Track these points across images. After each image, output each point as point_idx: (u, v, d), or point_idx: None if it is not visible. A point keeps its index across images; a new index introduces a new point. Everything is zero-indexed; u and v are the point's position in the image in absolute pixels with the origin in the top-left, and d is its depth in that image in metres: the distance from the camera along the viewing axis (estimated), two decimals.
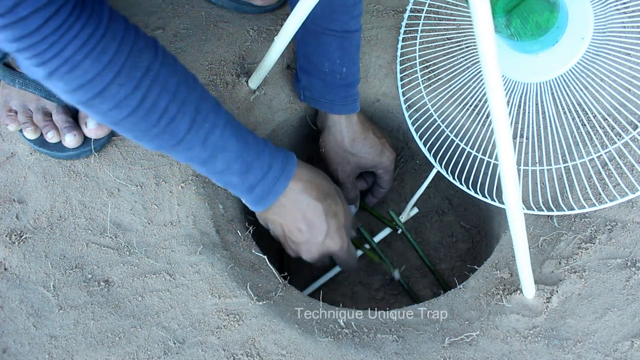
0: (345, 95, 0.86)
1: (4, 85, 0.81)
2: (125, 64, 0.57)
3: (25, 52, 0.53)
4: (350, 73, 0.85)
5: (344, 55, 0.83)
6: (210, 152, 0.66)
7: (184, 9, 0.96)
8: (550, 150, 0.81)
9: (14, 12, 0.49)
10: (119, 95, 0.58)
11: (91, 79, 0.56)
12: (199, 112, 0.64)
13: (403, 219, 0.98)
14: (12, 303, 0.71)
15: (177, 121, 0.62)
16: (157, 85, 0.60)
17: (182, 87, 0.62)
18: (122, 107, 0.59)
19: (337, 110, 0.87)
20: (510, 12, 0.73)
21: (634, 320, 0.67)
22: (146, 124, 0.61)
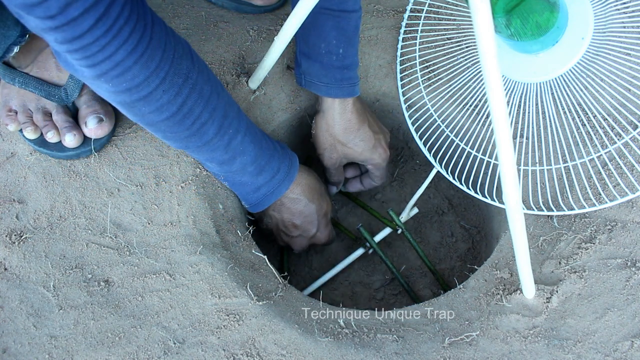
0: (341, 78, 0.84)
1: (4, 85, 0.81)
2: (169, 70, 0.60)
3: (76, 54, 0.54)
4: (347, 54, 0.83)
5: (339, 36, 0.81)
6: (231, 155, 0.72)
7: (184, 9, 0.96)
8: (550, 150, 0.81)
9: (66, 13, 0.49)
10: (162, 100, 0.61)
11: (139, 84, 0.58)
12: (226, 118, 0.69)
13: (403, 219, 0.98)
14: (12, 303, 0.71)
15: (207, 126, 0.67)
16: (195, 93, 0.64)
17: (214, 94, 0.67)
18: (162, 111, 0.62)
19: (332, 93, 0.85)
20: (510, 12, 0.73)
21: (634, 320, 0.67)
22: (180, 127, 0.65)
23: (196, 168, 0.81)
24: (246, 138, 0.73)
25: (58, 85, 0.80)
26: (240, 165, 0.75)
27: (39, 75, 0.80)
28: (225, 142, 0.71)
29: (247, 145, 0.73)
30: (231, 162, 0.74)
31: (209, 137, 0.68)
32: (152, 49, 0.58)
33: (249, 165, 0.75)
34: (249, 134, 0.73)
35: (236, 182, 0.78)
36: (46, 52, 0.80)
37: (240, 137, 0.72)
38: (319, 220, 0.87)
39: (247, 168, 0.76)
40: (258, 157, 0.75)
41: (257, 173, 0.77)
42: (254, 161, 0.75)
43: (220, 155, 0.72)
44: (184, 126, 0.65)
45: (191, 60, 0.63)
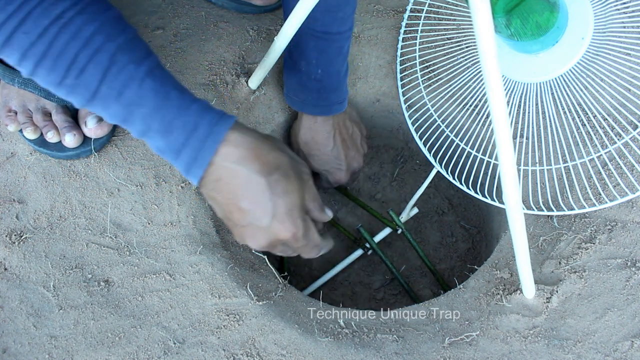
0: (318, 97, 0.85)
1: (3, 85, 0.81)
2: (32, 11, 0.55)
3: None
4: (325, 76, 0.83)
5: (319, 57, 0.81)
6: (127, 109, 0.59)
7: (184, 9, 0.96)
8: (550, 150, 0.81)
9: None
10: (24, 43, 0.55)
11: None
12: (115, 62, 0.57)
13: (403, 219, 0.98)
14: (12, 303, 0.71)
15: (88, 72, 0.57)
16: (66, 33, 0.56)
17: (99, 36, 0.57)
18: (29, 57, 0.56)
19: (308, 110, 0.87)
20: (510, 12, 0.73)
21: (634, 320, 0.67)
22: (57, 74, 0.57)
23: None
24: (145, 85, 0.58)
25: None
26: (142, 122, 0.59)
27: None
28: (117, 92, 0.58)
29: (145, 93, 0.58)
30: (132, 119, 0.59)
31: (94, 85, 0.57)
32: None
33: (151, 119, 0.59)
34: (149, 80, 0.59)
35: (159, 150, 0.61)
36: None
37: (135, 84, 0.58)
38: (275, 203, 0.61)
39: (151, 125, 0.59)
40: (161, 108, 0.59)
41: (166, 131, 0.59)
42: (156, 113, 0.59)
43: (116, 110, 0.59)
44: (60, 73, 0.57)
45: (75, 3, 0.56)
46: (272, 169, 0.61)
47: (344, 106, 0.88)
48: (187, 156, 0.60)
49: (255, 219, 0.62)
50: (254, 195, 0.61)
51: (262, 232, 0.62)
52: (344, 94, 0.87)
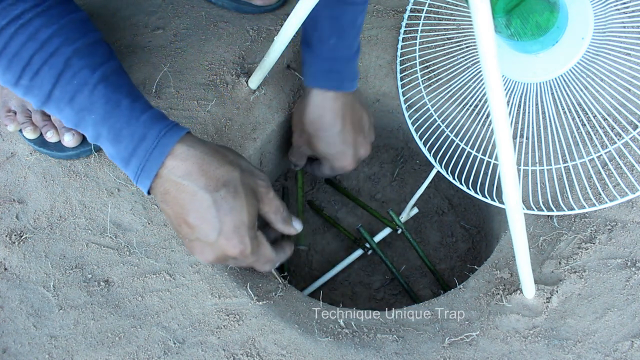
0: (329, 69, 0.79)
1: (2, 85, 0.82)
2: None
3: None
4: (338, 46, 0.79)
5: (332, 26, 0.77)
6: (78, 114, 0.59)
7: (184, 9, 0.96)
8: (550, 150, 0.81)
9: None
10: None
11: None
12: (69, 66, 0.57)
13: (403, 219, 0.98)
14: (12, 303, 0.71)
15: (42, 74, 0.57)
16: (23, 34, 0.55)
17: (56, 39, 0.56)
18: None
19: (315, 83, 0.80)
20: (510, 12, 0.73)
21: (634, 320, 0.67)
22: (12, 75, 0.57)
23: None
24: (96, 92, 0.58)
25: None
26: (93, 128, 0.59)
27: None
28: (69, 96, 0.57)
29: (96, 99, 0.58)
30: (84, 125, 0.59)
31: (48, 88, 0.57)
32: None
33: (101, 126, 0.59)
34: (101, 87, 0.58)
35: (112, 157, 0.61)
36: None
37: (87, 90, 0.57)
38: (220, 220, 0.60)
39: (100, 132, 0.59)
40: (110, 117, 0.58)
41: (114, 139, 0.59)
42: (105, 121, 0.58)
43: (69, 114, 0.59)
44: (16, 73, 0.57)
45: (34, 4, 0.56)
46: (219, 185, 0.60)
47: (355, 85, 0.83)
48: (134, 166, 0.60)
49: (202, 235, 0.61)
50: (200, 211, 0.60)
51: (209, 248, 0.62)
52: (356, 73, 0.83)
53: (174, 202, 0.61)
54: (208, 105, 0.86)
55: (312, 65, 0.81)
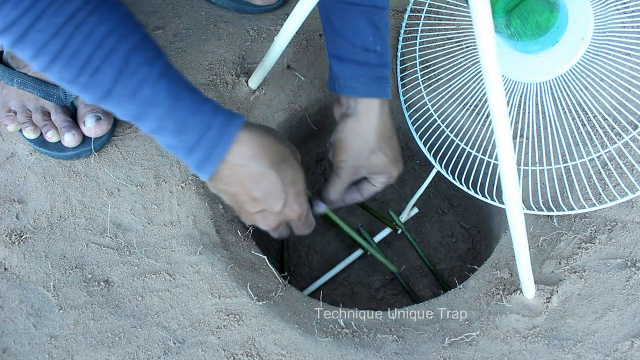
0: (380, 76, 0.77)
1: (3, 85, 0.81)
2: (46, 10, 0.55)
3: None
4: (384, 52, 0.77)
5: (375, 32, 0.76)
6: (141, 108, 0.62)
7: (184, 9, 0.96)
8: (550, 150, 0.81)
9: None
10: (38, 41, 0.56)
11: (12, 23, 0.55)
12: (129, 63, 0.59)
13: (403, 219, 0.98)
14: (12, 303, 0.71)
15: (102, 72, 0.59)
16: (80, 34, 0.57)
17: (112, 37, 0.58)
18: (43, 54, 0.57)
19: (372, 93, 0.77)
20: (510, 12, 0.73)
21: (634, 320, 0.67)
22: (70, 72, 0.59)
23: None
24: (158, 87, 0.61)
25: (56, 85, 0.80)
26: (156, 121, 0.62)
27: (37, 76, 0.80)
28: (130, 92, 0.60)
29: (159, 94, 0.61)
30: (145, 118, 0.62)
31: (108, 85, 0.59)
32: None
33: (165, 119, 0.62)
34: (163, 82, 0.61)
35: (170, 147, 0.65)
36: None
37: (149, 85, 0.60)
38: (287, 192, 0.69)
39: (165, 124, 0.62)
40: (174, 109, 0.62)
41: (179, 130, 0.63)
42: (169, 114, 0.62)
43: (129, 109, 0.61)
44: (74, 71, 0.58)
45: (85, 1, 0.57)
46: (280, 160, 0.68)
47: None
48: (199, 154, 0.64)
49: (269, 206, 0.69)
50: (268, 186, 0.67)
51: (274, 216, 0.70)
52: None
53: (239, 182, 0.67)
54: None
55: (363, 75, 0.77)
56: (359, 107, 0.78)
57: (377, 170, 0.81)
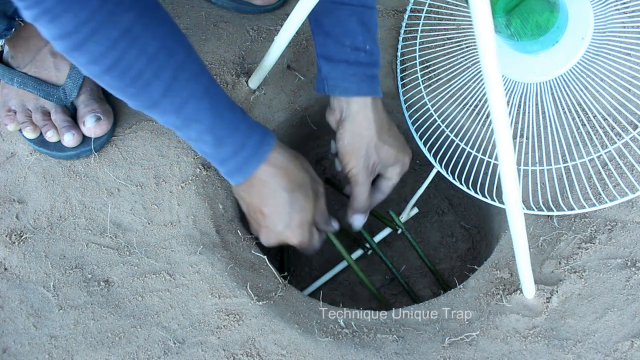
0: (371, 75, 0.79)
1: (3, 85, 0.81)
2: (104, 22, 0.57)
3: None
4: (374, 51, 0.79)
5: (365, 32, 0.77)
6: (183, 121, 0.66)
7: (184, 9, 0.96)
8: (550, 150, 0.81)
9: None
10: (94, 51, 0.58)
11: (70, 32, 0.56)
12: (176, 80, 0.63)
13: (403, 219, 0.98)
14: (12, 303, 0.71)
15: (152, 86, 0.62)
16: (134, 48, 0.59)
17: (163, 53, 0.61)
18: (97, 64, 0.59)
19: (364, 91, 0.78)
20: (510, 12, 0.73)
21: (634, 320, 0.67)
22: (122, 82, 0.61)
23: (196, 168, 0.81)
24: (202, 104, 0.65)
25: (56, 85, 0.80)
26: (196, 133, 0.67)
27: (37, 75, 0.80)
28: (176, 106, 0.64)
29: (202, 112, 0.66)
30: (187, 129, 0.67)
31: (156, 97, 0.63)
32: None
33: (205, 134, 0.67)
34: (206, 100, 0.66)
35: (203, 152, 0.71)
36: (44, 51, 0.80)
37: (194, 102, 0.65)
38: (291, 216, 0.73)
39: (204, 137, 0.68)
40: (215, 127, 0.67)
41: (216, 144, 0.68)
42: (210, 130, 0.67)
43: (173, 120, 0.66)
44: (125, 82, 0.61)
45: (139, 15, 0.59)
46: (295, 187, 0.73)
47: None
48: (231, 166, 0.71)
49: (272, 224, 0.74)
50: (277, 205, 0.73)
51: (274, 235, 0.75)
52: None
53: (256, 194, 0.73)
54: None
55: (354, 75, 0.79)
56: (352, 108, 0.79)
57: (390, 162, 0.83)
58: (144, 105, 0.64)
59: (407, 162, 0.85)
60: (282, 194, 0.72)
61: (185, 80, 0.64)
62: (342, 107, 0.80)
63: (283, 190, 0.72)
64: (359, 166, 0.81)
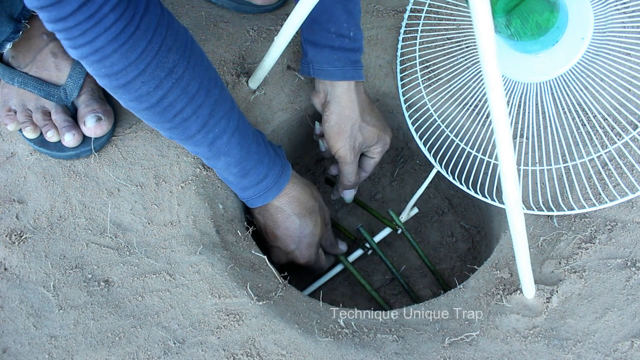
0: (354, 60, 0.83)
1: (3, 84, 0.81)
2: (151, 62, 0.59)
3: (60, 34, 0.55)
4: (357, 37, 0.83)
5: (349, 18, 0.81)
6: (215, 153, 0.71)
7: (184, 9, 0.96)
8: (550, 150, 0.81)
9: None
10: (140, 90, 0.60)
11: (117, 72, 0.58)
12: (212, 117, 0.68)
13: (403, 219, 0.98)
14: (12, 303, 0.71)
15: (190, 122, 0.66)
16: (177, 88, 0.63)
17: (202, 92, 0.65)
18: (141, 101, 0.62)
19: (347, 76, 0.83)
20: (510, 12, 0.73)
21: (634, 320, 0.67)
22: (161, 118, 0.65)
23: (196, 168, 0.81)
24: (233, 139, 0.71)
25: (57, 85, 0.80)
26: (224, 164, 0.74)
27: (38, 75, 0.80)
28: (209, 141, 0.70)
29: (232, 146, 0.72)
30: (216, 160, 0.73)
31: (192, 132, 0.68)
32: (136, 40, 0.57)
33: (233, 166, 0.74)
34: (237, 135, 0.71)
35: (225, 179, 0.79)
36: (45, 51, 0.80)
37: (226, 137, 0.70)
38: (300, 239, 0.82)
39: (231, 169, 0.74)
40: (243, 161, 0.74)
41: (242, 175, 0.76)
42: (238, 164, 0.74)
43: (205, 151, 0.71)
44: (165, 118, 0.65)
45: (182, 54, 0.62)
46: (306, 214, 0.81)
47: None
48: (251, 194, 0.78)
49: (282, 245, 0.83)
50: (289, 229, 0.81)
51: (284, 254, 0.84)
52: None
53: (270, 217, 0.81)
54: None
55: (338, 60, 0.82)
56: (337, 91, 0.84)
57: (372, 141, 0.89)
58: (179, 137, 0.68)
59: (388, 141, 0.91)
60: (294, 219, 0.80)
61: (220, 118, 0.69)
62: (326, 90, 0.85)
63: (295, 216, 0.80)
64: (345, 147, 0.86)
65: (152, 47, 0.58)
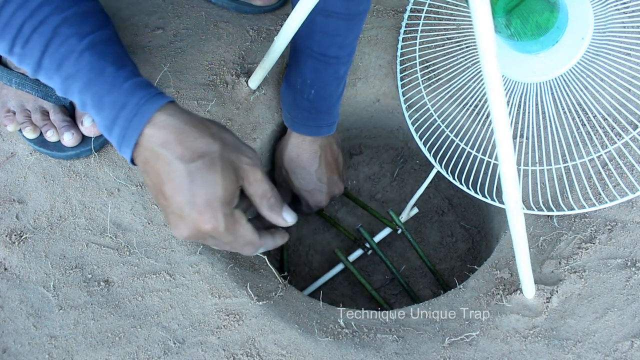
0: (308, 117, 0.86)
1: (1, 86, 0.82)
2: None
3: None
4: (318, 97, 0.84)
5: (314, 78, 0.82)
6: (65, 82, 0.58)
7: (184, 9, 0.96)
8: (550, 150, 0.81)
9: None
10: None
11: None
12: (57, 34, 0.56)
13: (403, 219, 0.98)
14: (12, 303, 0.71)
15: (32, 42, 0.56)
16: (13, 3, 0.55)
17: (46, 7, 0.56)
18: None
19: (296, 128, 0.87)
20: (510, 12, 0.73)
21: (634, 320, 0.67)
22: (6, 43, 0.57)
23: None
24: (82, 59, 0.57)
25: None
26: (78, 96, 0.58)
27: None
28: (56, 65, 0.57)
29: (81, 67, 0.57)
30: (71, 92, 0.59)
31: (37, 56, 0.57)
32: None
33: (84, 93, 0.58)
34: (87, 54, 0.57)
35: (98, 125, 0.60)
36: None
37: (74, 57, 0.57)
38: (192, 192, 0.56)
39: (84, 98, 0.58)
40: (93, 83, 0.57)
41: (97, 106, 0.58)
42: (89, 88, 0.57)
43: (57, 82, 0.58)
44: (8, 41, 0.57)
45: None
46: (194, 156, 0.56)
47: (333, 129, 0.89)
48: (116, 134, 0.58)
49: (176, 207, 0.58)
50: (174, 181, 0.57)
51: (183, 222, 0.58)
52: (335, 117, 0.88)
53: (153, 171, 0.58)
54: (208, 105, 0.87)
55: (292, 110, 0.87)
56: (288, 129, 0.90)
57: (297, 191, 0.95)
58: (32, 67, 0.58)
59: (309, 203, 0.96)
60: (178, 164, 0.56)
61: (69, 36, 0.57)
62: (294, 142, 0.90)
63: (178, 160, 0.56)
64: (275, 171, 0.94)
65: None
